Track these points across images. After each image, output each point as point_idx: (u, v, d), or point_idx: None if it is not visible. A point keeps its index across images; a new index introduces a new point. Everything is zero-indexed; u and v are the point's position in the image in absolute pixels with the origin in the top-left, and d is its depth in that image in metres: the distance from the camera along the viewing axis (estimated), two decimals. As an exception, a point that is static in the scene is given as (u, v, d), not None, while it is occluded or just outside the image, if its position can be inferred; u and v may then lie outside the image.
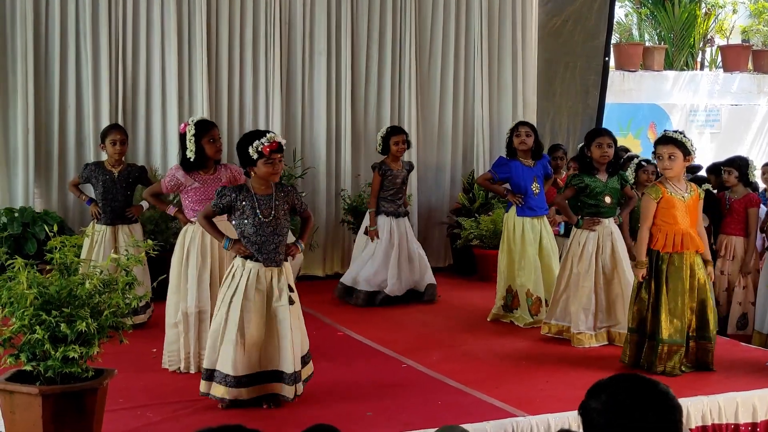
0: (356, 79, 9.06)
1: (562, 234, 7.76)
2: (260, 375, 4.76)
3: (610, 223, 6.22)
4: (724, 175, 7.30)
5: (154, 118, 8.34)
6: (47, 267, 4.00)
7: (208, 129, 5.58)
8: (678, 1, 13.94)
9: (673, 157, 5.40)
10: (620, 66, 13.04)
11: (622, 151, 7.84)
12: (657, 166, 5.71)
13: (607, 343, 6.16)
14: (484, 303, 7.23)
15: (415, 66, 9.21)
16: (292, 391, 4.75)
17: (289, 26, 8.80)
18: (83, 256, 5.95)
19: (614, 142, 6.24)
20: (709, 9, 14.36)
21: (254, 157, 4.68)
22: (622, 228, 6.38)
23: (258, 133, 4.81)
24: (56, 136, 7.98)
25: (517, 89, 9.66)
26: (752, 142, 13.75)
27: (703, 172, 8.66)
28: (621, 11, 14.38)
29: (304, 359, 4.91)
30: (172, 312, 5.54)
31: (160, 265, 6.00)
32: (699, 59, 14.62)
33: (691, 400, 4.79)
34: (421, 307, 7.41)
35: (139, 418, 4.61)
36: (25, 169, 7.81)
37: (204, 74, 8.35)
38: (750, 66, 13.92)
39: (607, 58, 10.08)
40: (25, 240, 7.19)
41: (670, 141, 5.43)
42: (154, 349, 5.73)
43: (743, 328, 7.05)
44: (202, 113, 8.01)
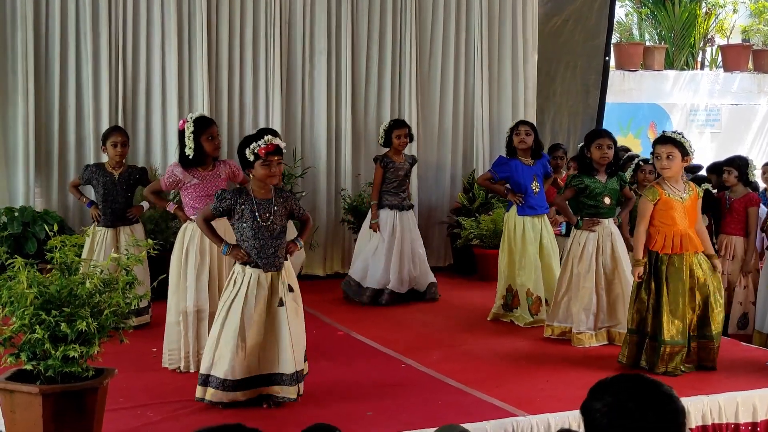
0: (356, 79, 9.05)
1: (563, 234, 7.76)
2: (258, 378, 4.76)
3: (610, 224, 6.22)
4: (724, 174, 7.30)
5: (154, 118, 8.33)
6: (47, 266, 4.00)
7: (206, 126, 5.54)
8: (678, 1, 13.94)
9: (671, 156, 5.40)
10: (620, 65, 13.04)
11: (623, 151, 7.83)
12: (655, 165, 5.71)
13: (607, 342, 6.16)
14: (484, 303, 7.23)
15: (416, 65, 9.21)
16: (294, 391, 4.75)
17: (290, 26, 8.80)
18: (84, 257, 5.93)
19: (614, 143, 6.24)
20: (710, 8, 14.37)
21: (251, 159, 4.69)
22: (622, 228, 6.39)
23: (259, 136, 4.81)
24: (56, 136, 7.98)
25: (517, 89, 9.65)
26: (752, 141, 13.76)
27: (704, 171, 8.65)
28: (621, 11, 14.39)
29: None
30: (173, 311, 5.54)
31: (161, 265, 6.00)
32: (699, 59, 14.63)
33: (692, 399, 4.79)
34: (422, 307, 7.41)
35: (139, 417, 4.61)
36: (26, 169, 7.81)
37: (204, 74, 8.35)
38: (750, 66, 13.92)
39: (608, 58, 10.09)
40: (25, 239, 7.19)
41: (669, 141, 5.43)
42: (154, 349, 5.73)
43: (744, 328, 7.05)
44: (203, 113, 7.98)
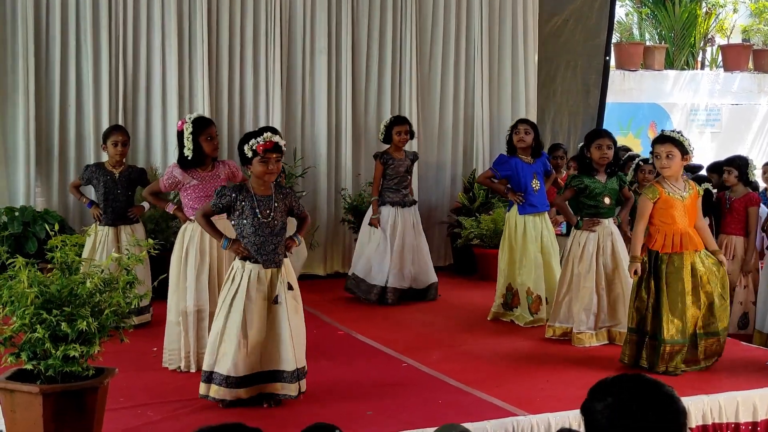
0: (357, 78, 9.05)
1: (564, 233, 7.76)
2: (260, 375, 4.76)
3: (610, 224, 6.22)
4: (724, 174, 7.30)
5: (154, 117, 8.33)
6: (48, 266, 4.00)
7: (205, 127, 5.54)
8: (678, 1, 13.94)
9: (670, 155, 5.39)
10: (621, 65, 13.04)
11: (623, 150, 7.84)
12: (655, 165, 5.70)
13: (607, 342, 6.16)
14: (484, 302, 7.22)
15: (416, 65, 9.20)
16: (295, 388, 4.76)
17: (290, 25, 8.79)
18: (86, 256, 5.94)
19: (614, 143, 6.24)
20: (710, 8, 14.37)
21: (249, 155, 4.70)
22: (621, 228, 6.39)
23: (259, 133, 4.81)
24: (57, 135, 7.98)
25: (518, 89, 9.65)
26: (753, 141, 13.76)
27: (704, 171, 8.65)
28: (621, 10, 14.38)
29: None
30: (173, 311, 5.54)
31: (161, 265, 6.00)
32: (699, 58, 14.62)
33: (692, 399, 4.79)
34: (421, 307, 7.40)
35: (140, 416, 4.61)
36: (26, 168, 7.81)
37: (204, 73, 8.34)
38: (750, 65, 13.92)
39: (608, 58, 10.09)
40: (25, 239, 7.19)
41: (668, 140, 5.43)
42: (155, 348, 5.73)
43: (744, 328, 7.05)
44: (203, 112, 7.99)
